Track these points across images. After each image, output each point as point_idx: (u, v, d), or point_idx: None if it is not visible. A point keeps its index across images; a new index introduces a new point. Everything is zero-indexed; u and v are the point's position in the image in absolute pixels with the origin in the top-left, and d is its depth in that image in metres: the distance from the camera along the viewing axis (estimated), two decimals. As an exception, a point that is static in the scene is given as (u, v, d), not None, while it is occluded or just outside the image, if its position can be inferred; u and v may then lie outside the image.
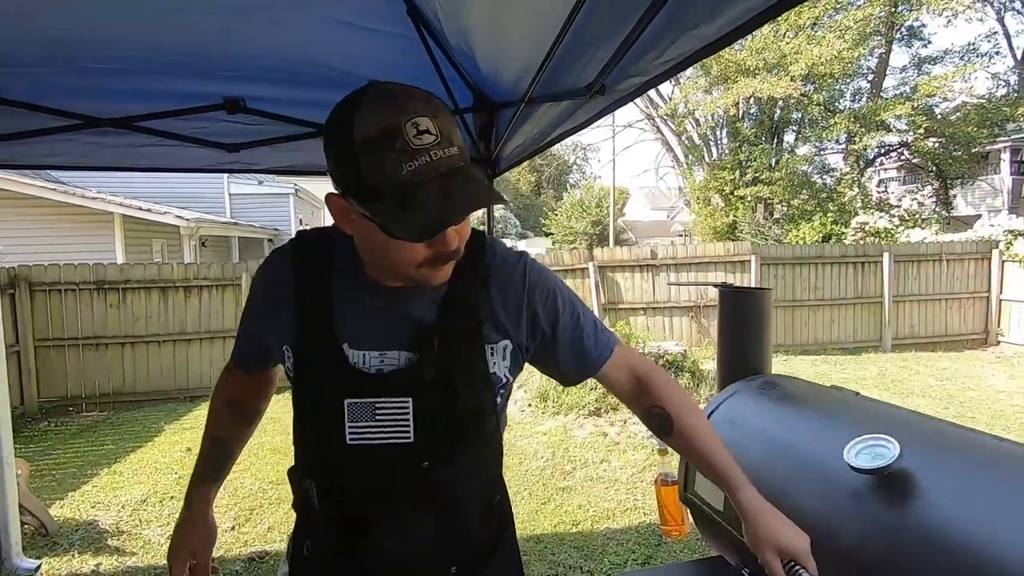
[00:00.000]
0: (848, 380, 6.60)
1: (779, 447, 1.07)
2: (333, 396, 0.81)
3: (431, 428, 0.81)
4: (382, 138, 0.67)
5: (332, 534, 0.89)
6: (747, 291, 1.51)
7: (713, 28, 0.73)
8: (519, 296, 0.87)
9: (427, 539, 0.87)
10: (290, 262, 0.87)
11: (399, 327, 0.83)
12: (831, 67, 12.74)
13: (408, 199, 0.68)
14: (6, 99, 1.52)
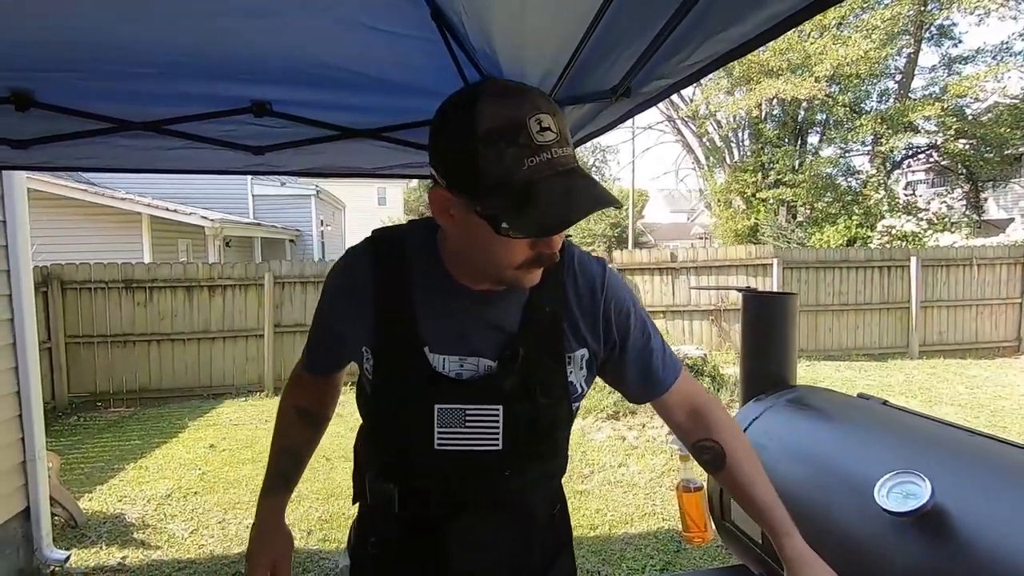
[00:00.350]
0: (874, 387, 6.46)
1: (811, 474, 1.03)
2: (421, 400, 0.80)
3: (518, 436, 0.81)
4: (505, 132, 0.66)
5: (402, 535, 0.88)
6: (771, 296, 1.48)
7: (740, 31, 0.72)
8: (596, 304, 0.86)
9: (493, 545, 0.87)
10: (368, 262, 0.85)
11: (480, 332, 0.81)
12: (857, 67, 12.50)
13: (530, 195, 0.66)
14: (42, 103, 1.57)
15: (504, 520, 0.88)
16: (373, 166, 2.16)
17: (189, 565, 3.02)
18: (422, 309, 0.81)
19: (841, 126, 14.07)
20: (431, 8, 1.29)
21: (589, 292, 0.85)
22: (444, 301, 0.82)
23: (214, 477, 4.23)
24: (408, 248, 0.85)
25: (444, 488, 0.85)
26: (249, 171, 2.06)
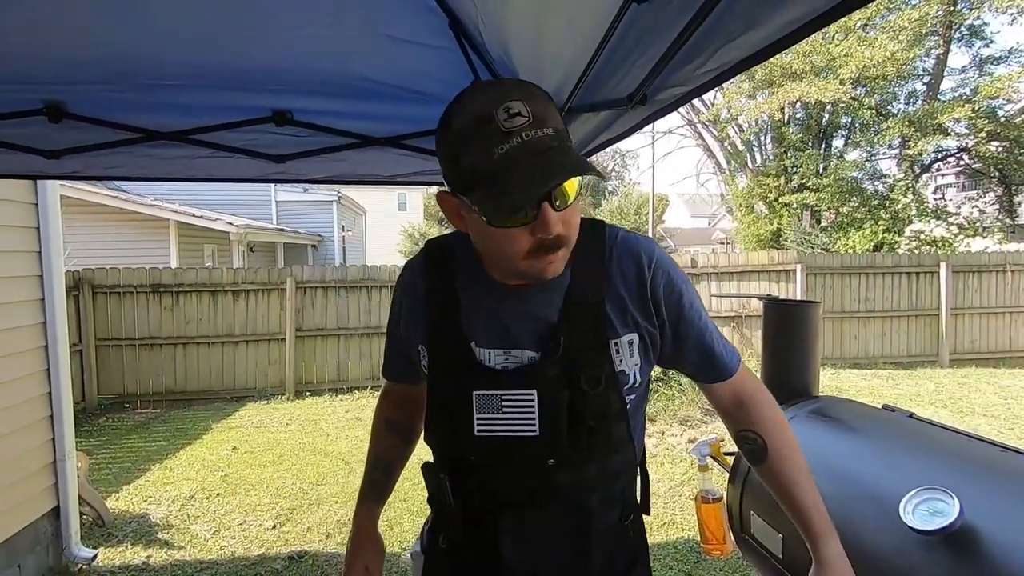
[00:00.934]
0: (902, 396, 6.29)
1: (833, 489, 1.00)
2: (462, 389, 0.83)
3: (556, 422, 0.81)
4: (474, 128, 0.69)
5: (462, 532, 0.90)
6: (793, 304, 1.45)
7: (759, 37, 0.71)
8: (644, 283, 0.84)
9: (545, 544, 0.86)
10: (422, 267, 0.92)
11: (523, 326, 0.83)
12: (884, 69, 12.24)
13: (501, 181, 0.67)
14: (73, 114, 1.62)
15: (557, 518, 0.86)
16: (392, 173, 2.18)
17: (211, 566, 3.06)
18: (468, 307, 0.85)
19: (867, 129, 13.78)
20: (449, 18, 1.30)
21: (636, 271, 0.84)
22: (487, 299, 0.85)
23: (236, 479, 4.30)
24: (456, 253, 0.89)
25: (490, 478, 0.86)
26: (271, 179, 2.10)
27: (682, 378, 5.50)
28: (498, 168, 0.67)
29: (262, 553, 3.20)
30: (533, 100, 0.70)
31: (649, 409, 5.31)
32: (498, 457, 0.84)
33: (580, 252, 0.81)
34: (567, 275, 0.82)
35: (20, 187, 2.81)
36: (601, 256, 0.84)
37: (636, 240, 0.87)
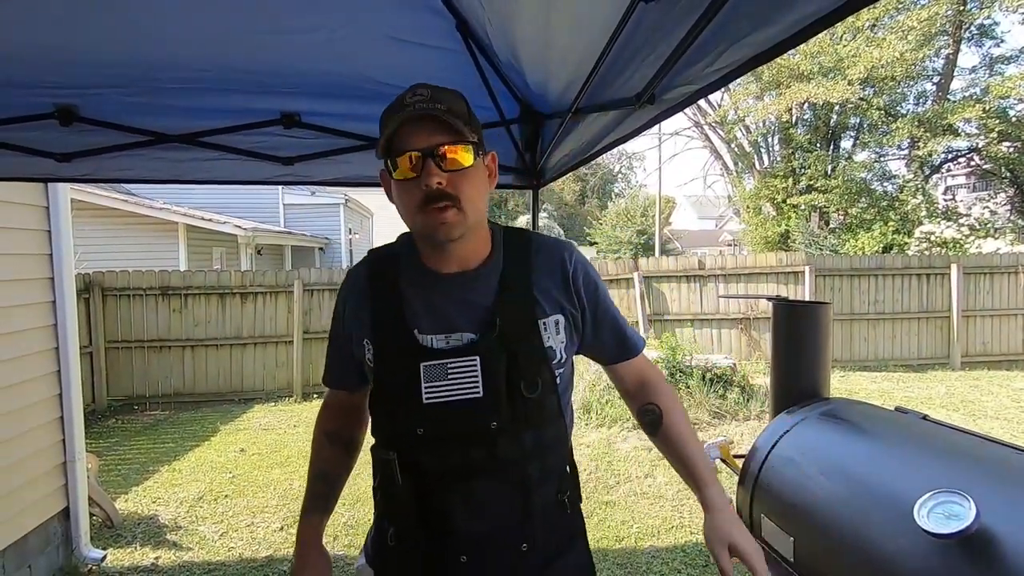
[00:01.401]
0: (913, 399, 6.22)
1: (846, 491, 0.99)
2: (410, 364, 0.91)
3: (496, 385, 0.90)
4: (389, 111, 0.89)
5: (412, 511, 0.94)
6: (803, 305, 1.44)
7: (767, 35, 0.70)
8: (566, 273, 0.98)
9: (498, 516, 0.93)
10: (365, 270, 1.02)
11: (462, 311, 0.93)
12: (892, 69, 12.16)
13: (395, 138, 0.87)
14: (84, 118, 1.64)
15: (502, 488, 0.93)
16: (399, 175, 2.18)
17: (219, 567, 3.07)
18: (410, 299, 0.95)
19: (876, 130, 13.68)
20: (456, 19, 1.30)
21: (558, 263, 0.99)
22: (426, 290, 0.96)
23: (244, 481, 4.31)
24: (399, 255, 1.01)
25: (440, 449, 0.92)
26: (279, 181, 2.11)
27: (690, 380, 5.47)
28: (394, 129, 0.86)
29: (269, 555, 3.20)
30: (441, 91, 0.89)
31: (656, 412, 5.28)
32: (447, 423, 0.90)
33: (509, 249, 0.98)
34: (499, 267, 0.96)
35: (32, 190, 2.84)
36: (527, 252, 0.98)
37: (557, 241, 1.03)
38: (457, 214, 0.88)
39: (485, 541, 0.93)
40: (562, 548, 0.98)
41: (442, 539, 0.93)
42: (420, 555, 0.95)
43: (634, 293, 7.80)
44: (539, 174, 1.99)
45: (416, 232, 0.94)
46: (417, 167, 0.86)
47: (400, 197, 0.90)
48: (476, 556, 0.93)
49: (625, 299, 7.89)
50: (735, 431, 5.03)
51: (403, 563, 0.97)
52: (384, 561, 1.01)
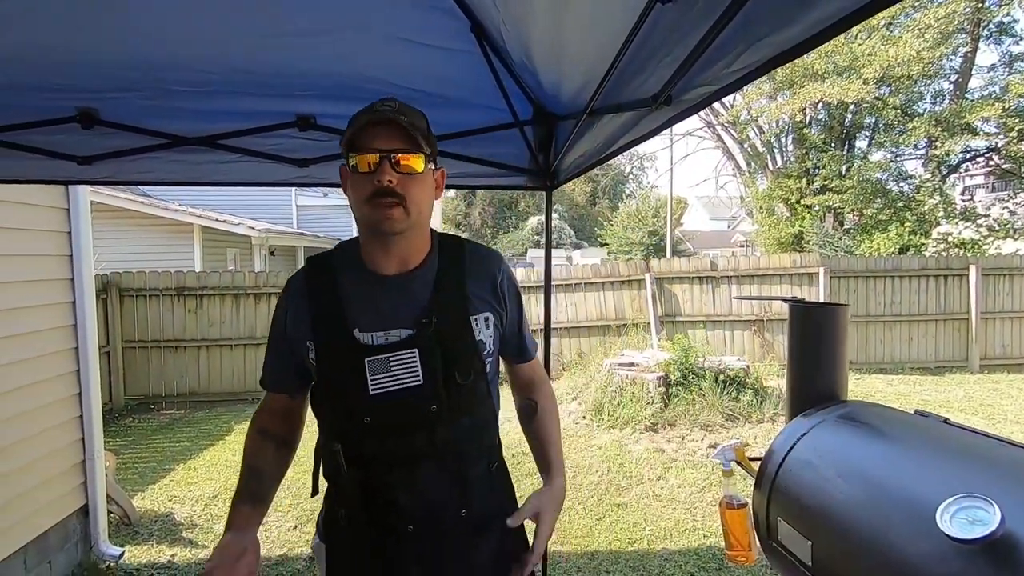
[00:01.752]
0: (930, 403, 6.13)
1: (865, 496, 0.98)
2: (355, 361, 0.99)
3: (434, 372, 1.00)
4: (359, 113, 1.00)
5: (359, 496, 1.03)
6: (820, 306, 1.43)
7: (787, 36, 0.70)
8: (495, 279, 1.12)
9: (438, 491, 1.04)
10: (303, 277, 1.09)
11: (400, 309, 1.03)
12: (909, 68, 12.00)
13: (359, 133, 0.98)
14: (105, 121, 1.66)
15: (442, 468, 1.04)
16: (413, 177, 2.19)
17: (233, 565, 3.10)
18: (351, 299, 1.03)
19: (892, 129, 13.51)
20: (471, 21, 1.31)
21: (488, 270, 1.11)
22: (366, 290, 1.04)
23: (258, 480, 4.35)
24: (334, 260, 1.10)
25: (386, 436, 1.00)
26: (294, 183, 2.12)
27: (703, 382, 5.43)
28: (358, 129, 0.97)
29: (283, 553, 3.23)
30: (406, 106, 1.02)
31: (670, 414, 5.25)
32: (391, 411, 1.00)
33: (444, 252, 1.10)
34: (434, 269, 1.07)
35: (52, 192, 2.89)
36: (460, 256, 1.10)
37: (489, 250, 1.17)
38: (402, 212, 0.98)
39: (428, 512, 1.03)
40: (494, 510, 1.11)
41: (388, 515, 1.02)
42: (370, 530, 1.04)
43: (646, 294, 7.77)
44: (553, 175, 1.99)
45: (363, 223, 1.03)
46: (373, 165, 0.97)
47: (353, 188, 1.01)
48: (420, 525, 1.03)
49: (636, 300, 7.86)
50: (748, 434, 4.99)
51: (354, 539, 1.06)
52: (337, 539, 1.10)
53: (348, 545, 1.08)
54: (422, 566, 1.05)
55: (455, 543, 1.07)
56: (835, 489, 1.05)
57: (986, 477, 0.86)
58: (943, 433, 1.09)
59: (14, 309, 2.66)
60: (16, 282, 2.69)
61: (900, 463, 1.01)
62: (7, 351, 2.60)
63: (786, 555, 1.15)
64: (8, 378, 2.60)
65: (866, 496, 0.97)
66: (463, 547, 1.08)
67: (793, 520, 1.14)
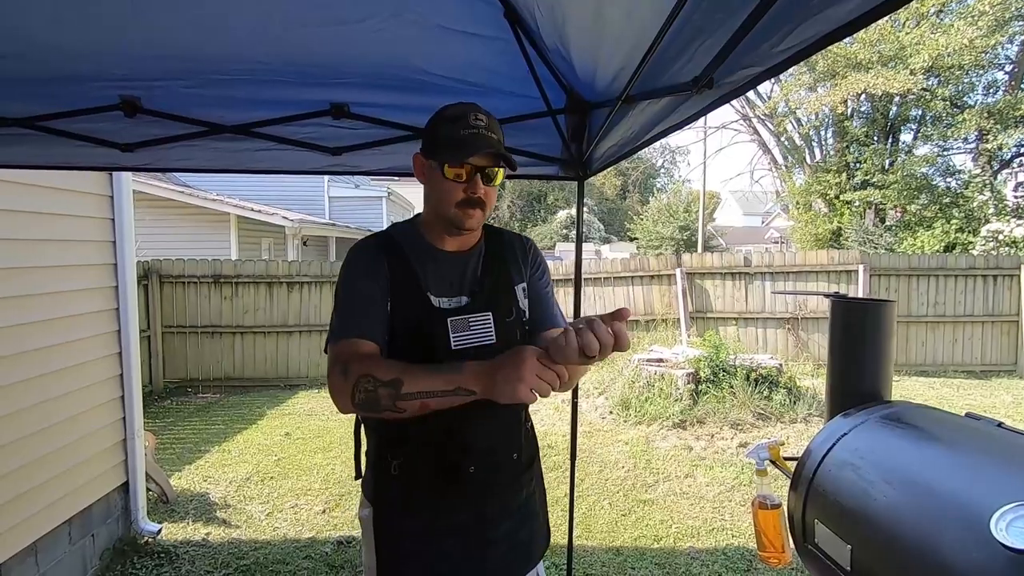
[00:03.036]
0: (975, 407, 5.88)
1: (913, 501, 0.93)
2: (439, 319, 1.14)
3: (504, 334, 1.19)
4: (455, 116, 1.13)
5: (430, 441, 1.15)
6: (865, 303, 1.37)
7: (846, 9, 0.66)
8: (526, 256, 1.32)
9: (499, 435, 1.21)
10: (374, 244, 1.21)
11: (458, 279, 1.21)
12: (960, 57, 11.46)
13: (459, 145, 1.10)
14: (147, 109, 1.70)
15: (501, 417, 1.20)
16: (443, 166, 2.19)
17: (265, 546, 3.19)
18: (419, 270, 1.18)
19: (940, 122, 12.94)
20: (504, 6, 1.29)
21: (521, 250, 1.32)
22: (432, 263, 1.20)
23: (289, 463, 4.45)
24: (396, 236, 1.23)
25: None
26: (327, 171, 2.14)
27: (734, 380, 5.32)
28: (461, 140, 1.10)
29: (312, 536, 3.30)
30: (491, 118, 1.15)
31: (699, 411, 5.16)
32: None
33: (488, 237, 1.28)
34: (482, 250, 1.25)
35: (97, 180, 2.99)
36: (501, 240, 1.30)
37: (520, 235, 1.36)
38: (481, 214, 1.16)
39: (490, 454, 1.19)
40: (531, 457, 1.31)
41: (458, 456, 1.15)
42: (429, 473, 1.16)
43: (676, 289, 7.64)
44: (585, 165, 1.95)
45: (443, 218, 1.16)
46: (468, 177, 1.12)
47: (440, 188, 1.14)
48: (482, 465, 1.17)
49: (666, 296, 7.74)
50: (781, 434, 4.87)
51: (406, 486, 1.18)
52: (388, 492, 1.20)
53: (399, 494, 1.18)
54: (473, 504, 1.18)
55: (504, 484, 1.23)
56: (878, 492, 1.00)
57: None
58: (997, 437, 1.03)
59: (61, 292, 2.77)
60: (63, 266, 2.79)
61: (950, 467, 0.95)
62: (54, 333, 2.71)
63: (823, 559, 1.11)
64: (55, 359, 2.70)
65: (913, 501, 0.93)
66: (510, 488, 1.24)
67: (831, 523, 1.09)
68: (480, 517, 1.19)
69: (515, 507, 1.25)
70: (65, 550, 2.74)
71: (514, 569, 1.26)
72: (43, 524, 2.60)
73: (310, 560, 3.03)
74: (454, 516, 1.18)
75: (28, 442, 2.53)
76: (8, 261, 2.50)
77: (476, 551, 1.19)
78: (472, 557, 1.19)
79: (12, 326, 2.49)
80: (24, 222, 2.58)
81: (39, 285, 2.65)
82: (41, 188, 2.66)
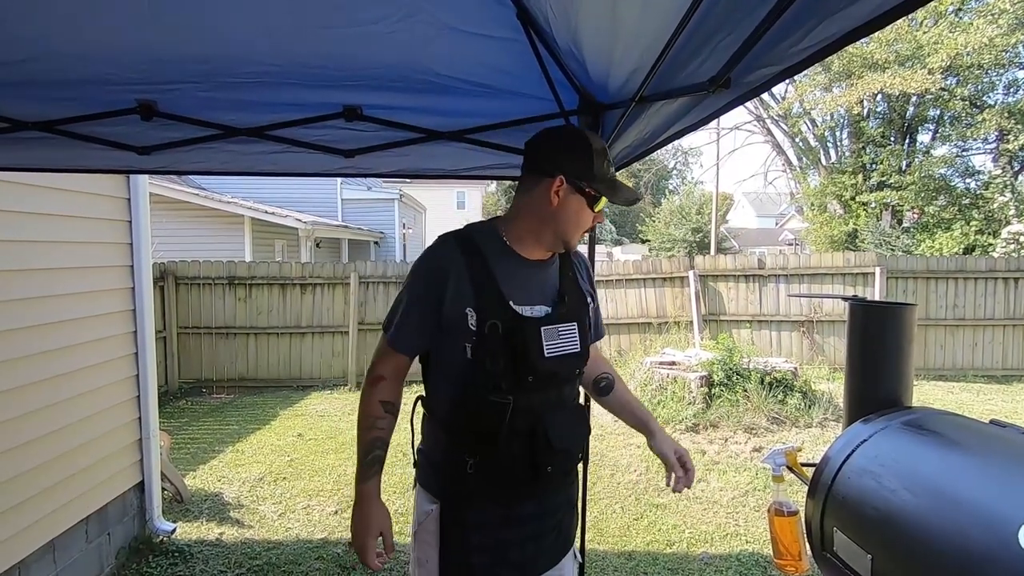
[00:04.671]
0: (996, 413, 5.76)
1: (936, 509, 0.91)
2: (532, 328, 1.19)
3: (585, 342, 1.28)
4: (603, 152, 1.23)
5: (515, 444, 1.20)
6: (884, 306, 1.34)
7: (869, 6, 0.64)
8: (589, 273, 1.45)
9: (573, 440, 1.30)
10: (453, 246, 1.24)
11: (538, 288, 1.27)
12: (979, 56, 11.27)
13: (613, 185, 1.24)
14: (163, 112, 1.72)
15: (577, 414, 1.34)
16: (456, 167, 2.19)
17: (277, 546, 3.20)
18: (500, 277, 1.21)
19: (959, 122, 12.73)
20: (517, 7, 1.28)
21: (584, 265, 1.44)
22: (513, 269, 1.24)
23: (301, 464, 4.48)
24: (476, 240, 1.25)
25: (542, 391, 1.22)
26: (340, 173, 2.15)
27: (747, 383, 5.26)
28: (612, 180, 1.25)
29: (324, 537, 3.31)
30: None
31: (712, 415, 5.11)
32: (557, 370, 1.22)
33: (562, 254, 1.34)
34: (557, 262, 1.33)
35: (114, 182, 3.03)
36: (569, 256, 1.36)
37: (580, 253, 1.43)
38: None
39: (566, 454, 1.28)
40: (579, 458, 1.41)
41: (536, 454, 1.21)
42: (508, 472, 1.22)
43: (689, 292, 7.58)
44: (597, 167, 1.94)
45: (563, 239, 1.26)
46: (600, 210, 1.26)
47: (580, 215, 1.23)
48: (557, 466, 1.26)
49: (679, 298, 7.68)
50: (796, 438, 4.81)
51: (478, 485, 1.23)
52: (460, 486, 1.24)
53: (473, 490, 1.24)
54: (540, 498, 1.28)
55: (565, 482, 1.35)
56: (900, 501, 0.98)
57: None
58: (1023, 445, 1.00)
59: (78, 294, 2.80)
60: (80, 268, 2.83)
61: (976, 476, 0.93)
62: (72, 333, 2.75)
63: (841, 567, 1.09)
64: (72, 359, 2.74)
65: (936, 510, 0.90)
66: (568, 487, 1.37)
67: (851, 531, 1.07)
68: (543, 509, 1.29)
69: (566, 498, 1.37)
70: (82, 548, 2.77)
71: (559, 552, 1.36)
72: (61, 522, 2.64)
73: (322, 561, 3.04)
74: (521, 508, 1.26)
75: (46, 441, 2.57)
76: (27, 263, 2.54)
77: (535, 540, 1.29)
78: (531, 544, 1.28)
79: (31, 327, 2.52)
80: (42, 224, 2.63)
81: (57, 286, 2.69)
82: (58, 191, 2.70)
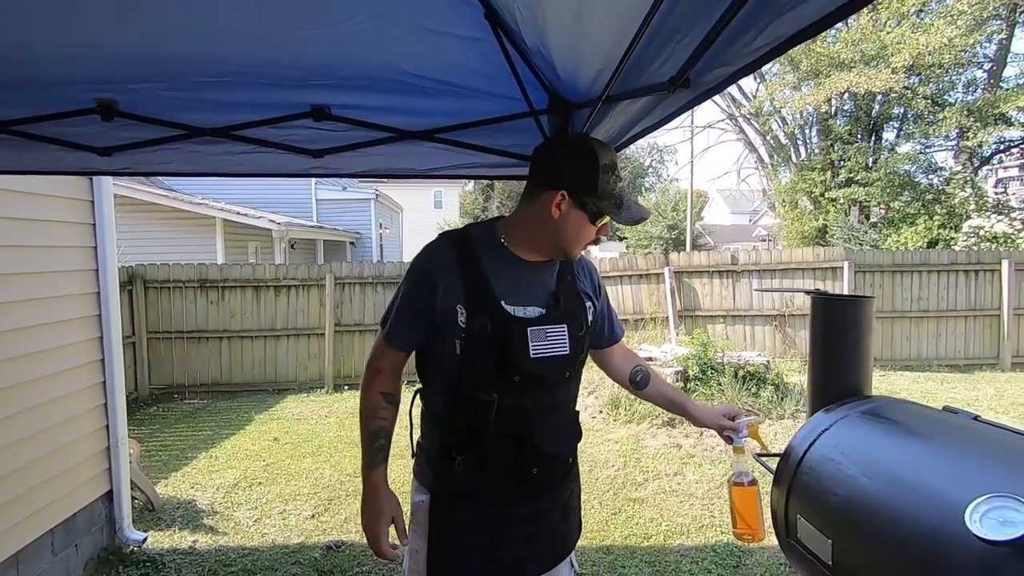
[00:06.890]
0: (958, 400, 5.97)
1: (890, 494, 0.94)
2: (519, 328, 1.20)
3: (574, 345, 1.27)
4: (611, 167, 1.20)
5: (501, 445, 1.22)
6: (843, 299, 1.38)
7: (814, 8, 0.66)
8: (592, 277, 1.43)
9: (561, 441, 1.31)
10: (449, 246, 1.26)
11: (533, 289, 1.27)
12: (940, 56, 11.63)
13: (621, 203, 1.22)
14: (124, 112, 1.68)
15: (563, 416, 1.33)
16: (426, 167, 2.18)
17: (253, 552, 3.16)
18: (495, 276, 1.22)
19: (921, 120, 13.13)
20: (484, 7, 1.28)
21: (587, 271, 1.42)
22: (508, 269, 1.24)
23: (277, 469, 4.42)
24: (472, 240, 1.26)
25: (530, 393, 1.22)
26: (309, 174, 2.13)
27: (721, 378, 5.36)
28: (619, 197, 1.21)
29: (301, 541, 3.27)
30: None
31: (687, 409, 5.20)
32: (543, 371, 1.22)
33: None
34: (556, 265, 1.32)
35: (76, 184, 2.94)
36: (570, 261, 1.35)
37: (584, 258, 1.43)
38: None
39: (554, 457, 1.29)
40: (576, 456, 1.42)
41: (523, 458, 1.23)
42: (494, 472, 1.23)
43: (664, 288, 7.68)
44: (568, 165, 1.95)
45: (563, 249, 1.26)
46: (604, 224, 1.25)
47: (581, 230, 1.23)
48: (545, 469, 1.27)
49: (655, 294, 7.78)
50: (769, 431, 4.91)
51: (467, 482, 1.24)
52: (448, 483, 1.27)
53: (461, 487, 1.26)
54: (531, 500, 1.29)
55: (558, 483, 1.34)
56: (858, 486, 1.01)
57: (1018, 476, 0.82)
58: (973, 430, 1.04)
59: (41, 299, 2.72)
60: (43, 272, 2.75)
61: (927, 461, 0.97)
62: (34, 340, 2.67)
63: (806, 554, 1.12)
64: (35, 366, 2.66)
65: (891, 494, 0.94)
66: (563, 490, 1.36)
67: (813, 518, 1.10)
68: (534, 512, 1.30)
69: (561, 503, 1.37)
70: (48, 561, 2.69)
71: (553, 557, 1.36)
72: (25, 534, 2.56)
73: (299, 566, 3.01)
74: (511, 510, 1.27)
75: (7, 452, 2.49)
76: (-15, 268, 2.45)
77: (527, 542, 1.30)
78: (523, 547, 1.29)
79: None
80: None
81: (16, 292, 2.60)
82: (16, 193, 2.61)
